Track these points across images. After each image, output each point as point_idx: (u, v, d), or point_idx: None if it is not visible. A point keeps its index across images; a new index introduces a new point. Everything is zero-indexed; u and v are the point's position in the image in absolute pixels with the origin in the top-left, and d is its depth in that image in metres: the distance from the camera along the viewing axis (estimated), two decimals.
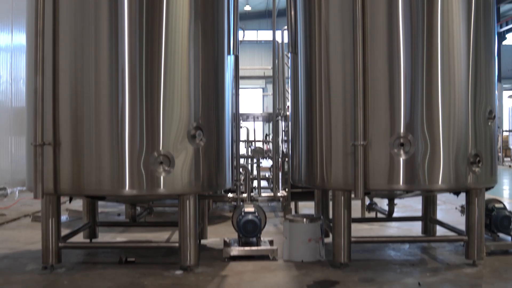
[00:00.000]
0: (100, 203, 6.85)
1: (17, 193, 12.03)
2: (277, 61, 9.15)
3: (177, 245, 5.12)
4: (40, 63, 4.81)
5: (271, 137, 11.71)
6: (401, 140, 4.94)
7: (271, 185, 10.03)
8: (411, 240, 6.39)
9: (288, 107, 8.82)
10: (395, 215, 6.62)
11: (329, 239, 5.65)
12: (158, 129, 4.87)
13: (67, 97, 4.89)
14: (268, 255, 5.53)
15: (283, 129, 10.27)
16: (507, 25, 31.40)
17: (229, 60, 5.66)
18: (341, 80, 5.17)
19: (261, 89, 39.03)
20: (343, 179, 5.10)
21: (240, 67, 6.38)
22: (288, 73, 8.26)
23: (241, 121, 10.57)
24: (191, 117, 5.04)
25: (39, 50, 4.81)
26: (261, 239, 5.72)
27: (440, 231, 6.49)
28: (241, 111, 8.40)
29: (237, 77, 6.22)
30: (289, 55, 6.26)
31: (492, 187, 5.46)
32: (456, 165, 5.02)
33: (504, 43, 33.53)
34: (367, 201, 7.64)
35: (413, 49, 4.98)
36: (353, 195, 5.04)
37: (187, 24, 5.08)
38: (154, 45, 4.89)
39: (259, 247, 5.60)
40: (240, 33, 7.01)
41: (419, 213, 6.90)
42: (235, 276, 4.97)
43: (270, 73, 11.87)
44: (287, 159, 8.83)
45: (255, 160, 10.11)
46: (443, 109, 4.99)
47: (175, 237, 6.70)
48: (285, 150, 9.72)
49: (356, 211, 6.90)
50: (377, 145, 4.96)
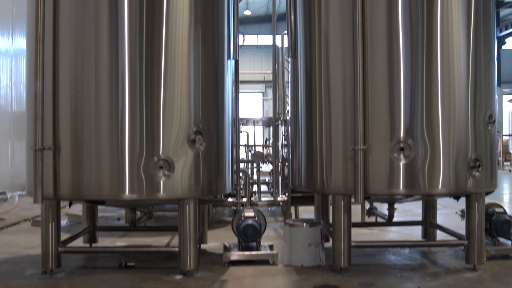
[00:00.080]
0: (100, 207, 6.85)
1: (17, 197, 12.01)
2: (277, 66, 9.14)
3: (177, 249, 5.11)
4: (40, 68, 4.82)
5: (271, 141, 11.70)
6: (401, 144, 4.94)
7: (271, 190, 10.02)
8: (411, 244, 6.38)
9: (288, 111, 8.82)
10: (395, 219, 6.62)
11: (329, 244, 5.65)
12: (158, 134, 4.88)
13: (67, 101, 4.90)
14: (268, 259, 5.52)
15: (283, 133, 10.28)
16: (506, 29, 31.49)
17: (229, 64, 5.66)
18: (341, 84, 5.17)
19: (261, 94, 39.10)
20: (343, 183, 5.10)
21: (240, 71, 6.38)
22: (288, 77, 8.26)
23: (241, 126, 10.57)
24: (191, 121, 5.04)
25: (39, 55, 4.82)
26: (261, 243, 5.71)
27: (440, 235, 6.48)
28: (241, 115, 8.41)
29: (237, 82, 6.22)
30: (289, 59, 6.26)
31: (492, 192, 5.45)
32: (456, 170, 5.02)
33: (503, 47, 33.61)
34: (367, 206, 7.64)
35: (413, 54, 4.99)
36: (353, 200, 5.04)
37: (187, 29, 5.09)
38: (154, 50, 4.89)
39: (259, 252, 5.60)
40: (240, 37, 7.02)
41: (419, 218, 6.90)
42: (235, 280, 4.97)
43: (270, 78, 11.87)
44: (287, 164, 8.82)
45: (255, 164, 10.11)
46: (443, 113, 4.99)
47: (175, 241, 6.70)
48: (285, 154, 9.71)
49: (356, 216, 6.89)
50: (377, 149, 4.97)
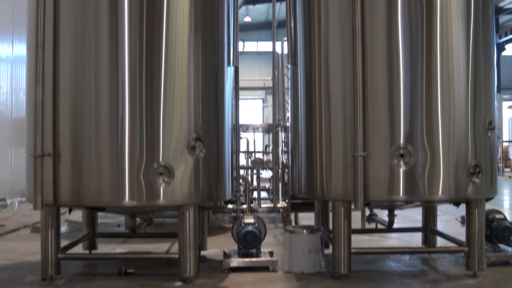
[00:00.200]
0: (99, 214, 6.84)
1: (16, 204, 12.00)
2: (277, 72, 9.16)
3: (176, 256, 5.10)
4: (40, 74, 4.82)
5: (271, 148, 11.70)
6: (401, 151, 4.94)
7: (271, 196, 10.01)
8: (411, 251, 6.38)
9: (288, 118, 8.83)
10: (395, 226, 6.60)
11: (329, 250, 5.64)
12: (158, 140, 4.88)
13: (67, 108, 4.90)
14: (268, 266, 5.51)
15: (283, 140, 10.27)
16: (506, 36, 31.55)
17: (229, 71, 5.67)
18: (341, 91, 5.18)
19: (261, 100, 39.12)
20: (343, 190, 5.10)
21: (240, 78, 6.38)
22: (288, 84, 8.27)
23: (241, 132, 10.57)
24: (191, 128, 5.04)
25: (39, 61, 4.83)
26: (261, 250, 5.70)
27: (440, 242, 6.47)
28: (241, 122, 8.41)
29: (237, 88, 6.22)
30: (289, 66, 6.27)
31: (492, 198, 5.45)
32: (456, 176, 5.02)
33: (503, 53, 33.69)
34: (367, 212, 7.63)
35: (413, 60, 5.00)
36: (353, 206, 5.03)
37: (187, 35, 5.10)
38: (154, 57, 4.90)
39: (259, 258, 5.59)
40: (240, 44, 7.04)
41: (419, 224, 6.89)
42: (235, 287, 4.96)
43: (270, 84, 11.88)
44: (287, 170, 8.82)
45: (255, 171, 10.10)
46: (442, 120, 5.00)
47: (175, 248, 6.69)
48: (285, 161, 9.71)
49: (356, 222, 6.88)
50: (377, 156, 4.97)
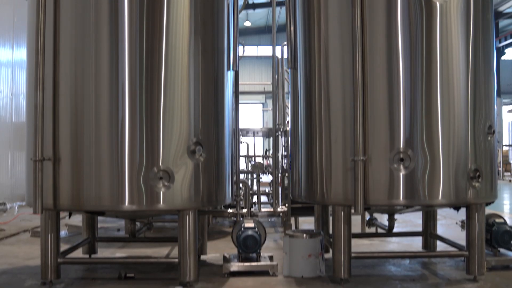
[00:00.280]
0: (99, 218, 6.83)
1: (16, 208, 11.97)
2: (276, 77, 9.16)
3: (176, 260, 5.09)
4: (40, 79, 4.82)
5: (271, 152, 11.69)
6: (401, 155, 4.93)
7: (271, 201, 10.00)
8: (411, 255, 6.37)
9: (288, 122, 8.83)
10: (395, 230, 6.60)
11: (329, 255, 5.63)
12: (158, 145, 4.88)
13: (67, 112, 4.90)
14: (268, 270, 5.50)
15: (283, 144, 10.28)
16: (505, 40, 31.59)
17: (229, 75, 5.68)
18: (341, 95, 5.18)
19: (261, 104, 39.13)
20: (343, 194, 5.10)
21: (240, 82, 6.39)
22: (287, 88, 8.28)
23: (241, 136, 10.58)
24: (191, 132, 5.04)
25: (39, 66, 4.83)
26: (261, 254, 5.69)
27: (440, 246, 6.46)
28: (241, 126, 8.42)
29: (237, 92, 6.23)
30: (289, 70, 6.28)
31: (492, 202, 5.44)
32: (456, 180, 5.01)
33: (503, 58, 33.70)
34: (367, 216, 7.62)
35: (412, 65, 5.00)
36: (353, 211, 5.02)
37: (187, 40, 5.11)
38: (154, 62, 4.91)
39: (259, 263, 5.58)
40: (240, 48, 7.04)
41: (419, 228, 6.88)
42: None
43: (270, 88, 11.89)
44: (287, 174, 8.82)
45: (255, 175, 10.10)
46: (442, 124, 5.00)
47: (175, 252, 6.67)
48: (285, 165, 9.71)
49: (356, 227, 6.88)
50: (377, 160, 4.96)
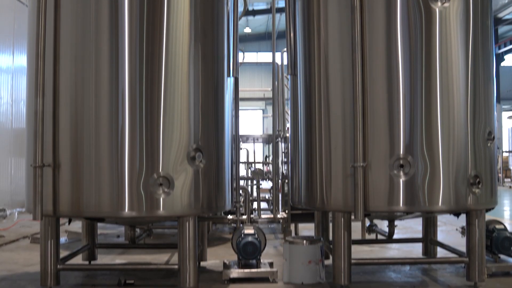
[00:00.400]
0: (99, 224, 6.83)
1: (16, 214, 11.95)
2: (276, 83, 9.18)
3: (176, 267, 5.08)
4: (40, 85, 4.83)
5: (271, 158, 11.69)
6: (401, 161, 4.93)
7: (271, 207, 10.00)
8: (411, 262, 6.35)
9: (287, 128, 8.83)
10: (395, 236, 6.59)
11: (329, 261, 5.62)
12: (157, 151, 4.88)
13: (67, 119, 4.90)
14: (268, 277, 5.49)
15: (283, 150, 10.28)
16: (505, 46, 31.66)
17: (229, 82, 5.69)
18: (341, 101, 5.19)
19: (261, 111, 39.18)
20: (343, 200, 5.09)
21: (240, 88, 6.39)
22: (287, 94, 8.29)
23: (241, 143, 10.58)
24: (191, 139, 5.04)
25: (39, 72, 4.84)
26: (261, 261, 5.69)
27: (440, 252, 6.45)
28: (241, 132, 8.43)
29: (237, 99, 6.23)
30: (289, 76, 6.29)
31: (492, 208, 5.43)
32: (456, 186, 5.01)
33: (502, 64, 33.77)
34: (367, 223, 7.61)
35: (412, 71, 5.01)
36: (353, 217, 5.02)
37: (187, 47, 5.12)
38: (154, 68, 4.92)
39: (259, 269, 5.57)
40: (240, 55, 7.05)
41: (420, 235, 6.87)
42: None
43: (270, 95, 11.92)
44: (287, 181, 8.82)
45: (255, 181, 10.10)
46: (442, 130, 5.00)
47: (175, 259, 6.66)
48: (285, 171, 9.71)
49: (356, 233, 6.87)
50: (377, 166, 4.96)
